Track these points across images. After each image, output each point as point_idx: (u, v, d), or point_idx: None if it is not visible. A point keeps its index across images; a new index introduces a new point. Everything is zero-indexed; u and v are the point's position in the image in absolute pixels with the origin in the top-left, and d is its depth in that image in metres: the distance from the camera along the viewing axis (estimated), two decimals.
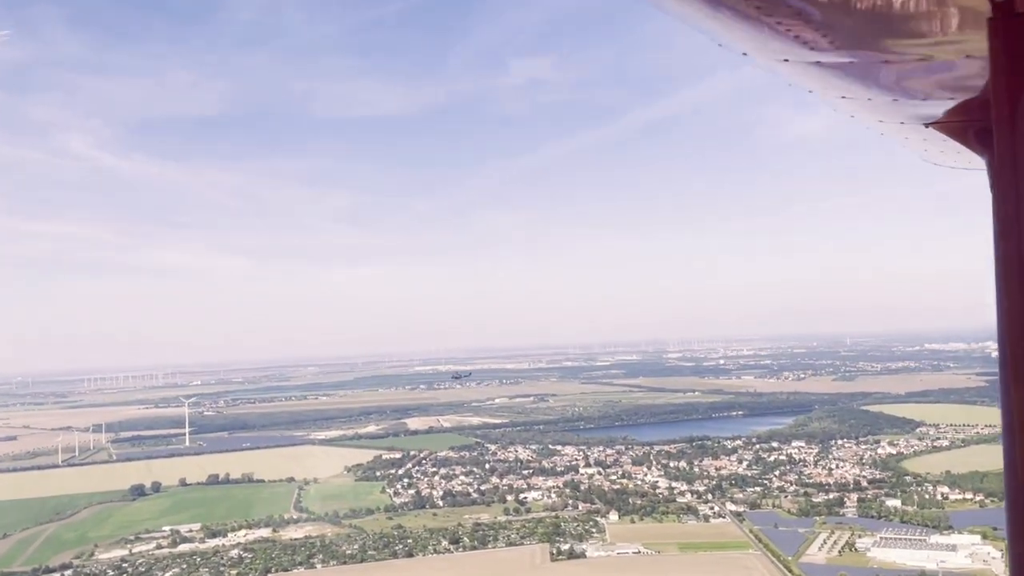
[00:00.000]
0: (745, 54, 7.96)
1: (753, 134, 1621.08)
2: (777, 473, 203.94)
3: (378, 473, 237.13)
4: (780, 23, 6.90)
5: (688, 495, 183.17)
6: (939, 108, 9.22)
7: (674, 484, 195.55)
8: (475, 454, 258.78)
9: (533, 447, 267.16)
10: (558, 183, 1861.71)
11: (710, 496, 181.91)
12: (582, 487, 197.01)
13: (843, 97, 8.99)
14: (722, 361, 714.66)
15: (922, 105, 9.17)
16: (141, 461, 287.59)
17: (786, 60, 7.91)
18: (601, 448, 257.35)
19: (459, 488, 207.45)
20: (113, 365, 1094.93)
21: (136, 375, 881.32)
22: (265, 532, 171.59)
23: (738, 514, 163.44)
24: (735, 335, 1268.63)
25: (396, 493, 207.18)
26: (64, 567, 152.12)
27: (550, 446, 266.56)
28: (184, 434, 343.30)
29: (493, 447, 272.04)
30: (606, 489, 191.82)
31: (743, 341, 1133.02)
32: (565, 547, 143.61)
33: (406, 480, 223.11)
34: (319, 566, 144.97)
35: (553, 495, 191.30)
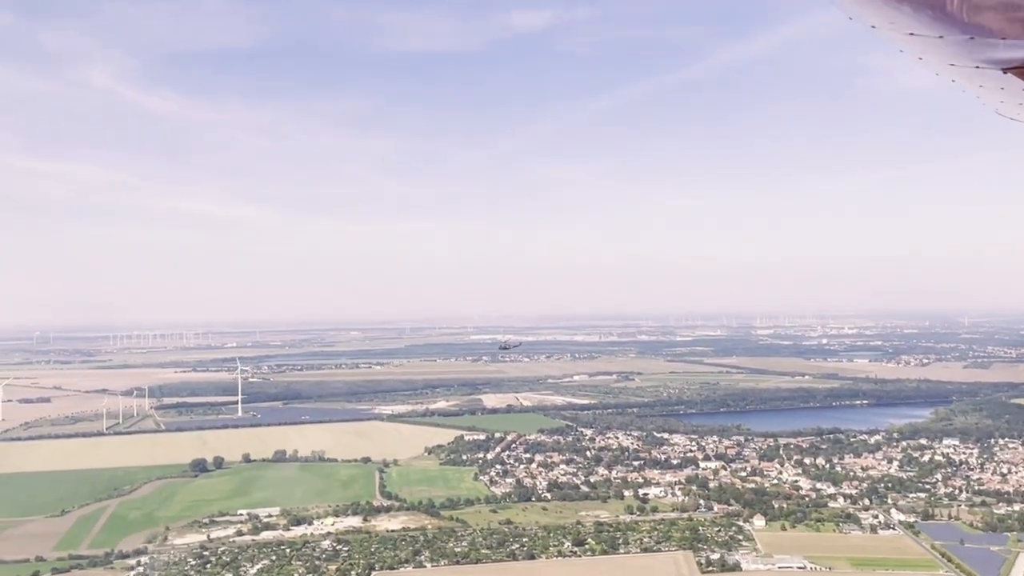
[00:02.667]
0: (874, 27, 8.34)
1: (850, 84, 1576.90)
2: (939, 476, 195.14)
3: (464, 457, 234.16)
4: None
5: (840, 499, 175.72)
6: (1020, 50, 8.95)
7: (819, 485, 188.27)
8: (570, 439, 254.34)
9: (635, 434, 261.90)
10: (626, 132, 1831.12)
11: (867, 501, 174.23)
12: (710, 484, 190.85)
13: (911, 34, 8.91)
14: (824, 340, 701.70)
15: (1000, 47, 8.86)
16: (192, 432, 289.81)
17: (912, 34, 8.27)
18: (716, 438, 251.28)
19: (564, 479, 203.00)
20: (137, 320, 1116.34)
21: (164, 333, 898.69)
22: (355, 521, 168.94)
23: (909, 525, 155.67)
24: (828, 310, 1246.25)
25: (492, 481, 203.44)
26: (139, 552, 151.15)
27: (655, 433, 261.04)
28: (235, 403, 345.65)
29: (588, 431, 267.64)
30: (740, 488, 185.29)
31: (840, 317, 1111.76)
32: (713, 556, 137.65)
33: (499, 467, 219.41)
34: (428, 564, 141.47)
35: (678, 492, 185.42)
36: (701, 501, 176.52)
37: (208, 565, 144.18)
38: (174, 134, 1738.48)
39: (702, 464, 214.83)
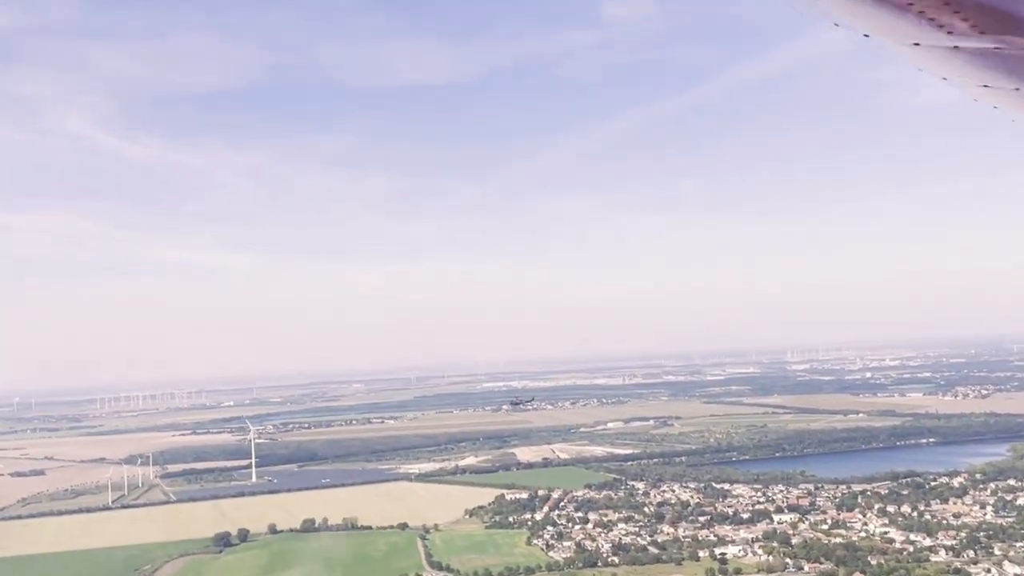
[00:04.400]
0: (867, 36, 8.51)
1: (870, 101, 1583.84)
2: None
3: (511, 518, 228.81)
4: (911, 3, 7.40)
5: (941, 552, 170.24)
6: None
7: (912, 537, 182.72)
8: (622, 494, 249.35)
9: (692, 485, 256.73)
10: (635, 160, 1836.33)
11: (971, 553, 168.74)
12: (792, 540, 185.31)
13: (985, 86, 9.22)
14: (868, 374, 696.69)
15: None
16: (207, 501, 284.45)
17: (917, 44, 8.40)
18: (782, 487, 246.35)
19: (627, 539, 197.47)
20: (124, 381, 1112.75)
21: (154, 394, 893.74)
22: None
23: None
24: (864, 341, 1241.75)
25: (549, 546, 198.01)
26: None
27: (713, 484, 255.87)
28: (247, 467, 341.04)
29: (639, 485, 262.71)
30: (827, 543, 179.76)
31: (878, 348, 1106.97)
32: None
33: (551, 528, 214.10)
34: None
35: (759, 550, 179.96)
36: (788, 560, 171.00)
37: None
38: (156, 181, 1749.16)
39: (776, 517, 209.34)
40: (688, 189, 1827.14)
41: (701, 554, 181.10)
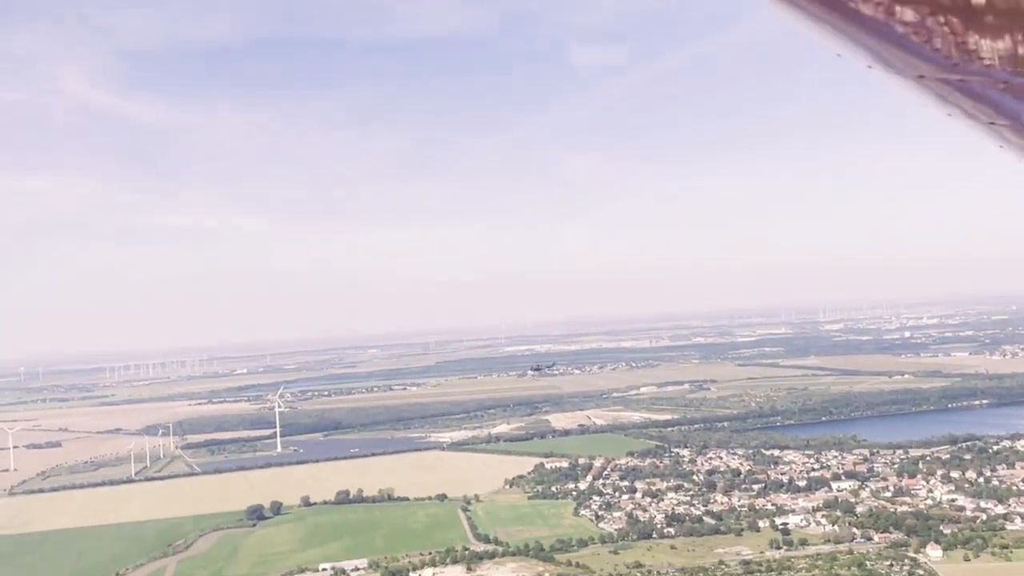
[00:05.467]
0: (870, 67, 8.38)
1: None
2: None
3: (554, 488, 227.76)
4: (916, 33, 7.19)
5: (1018, 520, 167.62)
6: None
7: (983, 504, 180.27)
8: (667, 462, 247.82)
9: (739, 452, 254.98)
10: (659, 111, 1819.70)
11: None
12: (856, 509, 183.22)
13: (992, 124, 9.08)
14: (907, 333, 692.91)
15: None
16: (233, 473, 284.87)
17: (921, 77, 8.26)
18: (835, 453, 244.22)
19: (680, 510, 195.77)
20: (132, 349, 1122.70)
21: (164, 362, 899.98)
22: (458, 571, 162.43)
23: None
24: (899, 299, 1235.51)
25: (598, 516, 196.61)
26: None
27: (762, 451, 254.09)
28: (271, 438, 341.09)
29: (684, 452, 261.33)
30: (894, 512, 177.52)
31: (914, 306, 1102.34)
32: None
33: (597, 498, 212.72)
34: None
35: (822, 520, 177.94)
36: (855, 530, 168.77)
37: None
38: (157, 141, 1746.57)
39: (834, 485, 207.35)
40: (714, 144, 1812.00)
41: (761, 524, 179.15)
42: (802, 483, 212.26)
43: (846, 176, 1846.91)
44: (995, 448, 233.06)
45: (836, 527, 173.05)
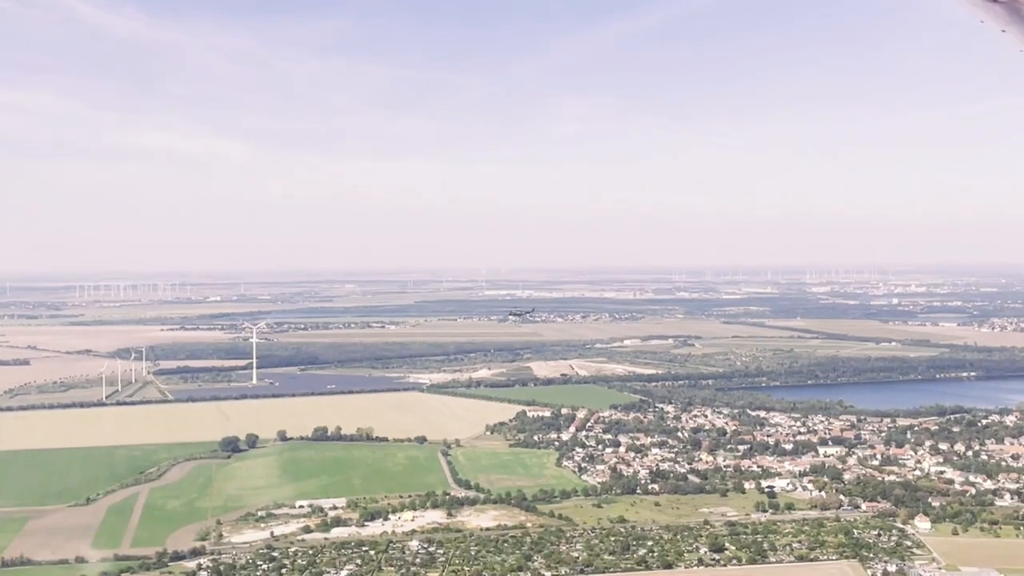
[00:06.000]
0: None
1: (904, 8, 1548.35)
2: None
3: (536, 437, 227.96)
4: None
5: (1007, 496, 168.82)
6: None
7: (971, 478, 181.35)
8: (651, 417, 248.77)
9: (724, 411, 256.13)
10: (653, 59, 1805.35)
11: None
12: (844, 476, 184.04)
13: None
14: (894, 300, 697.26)
15: None
16: (207, 402, 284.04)
17: None
18: (822, 418, 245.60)
19: (665, 466, 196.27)
20: (101, 269, 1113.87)
21: (135, 284, 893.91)
22: (437, 516, 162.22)
23: None
24: (886, 264, 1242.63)
25: (581, 468, 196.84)
26: (196, 553, 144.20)
27: (748, 411, 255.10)
28: (247, 368, 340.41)
29: (668, 408, 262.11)
30: (883, 481, 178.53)
31: (902, 273, 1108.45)
32: (890, 569, 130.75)
33: (580, 450, 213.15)
34: (546, 574, 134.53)
35: (808, 485, 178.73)
36: (842, 497, 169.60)
37: (284, 570, 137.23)
38: (139, 59, 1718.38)
39: (821, 450, 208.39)
40: (708, 95, 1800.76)
41: (747, 486, 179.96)
42: (788, 446, 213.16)
43: (834, 135, 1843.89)
44: (984, 422, 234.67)
45: (823, 493, 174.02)
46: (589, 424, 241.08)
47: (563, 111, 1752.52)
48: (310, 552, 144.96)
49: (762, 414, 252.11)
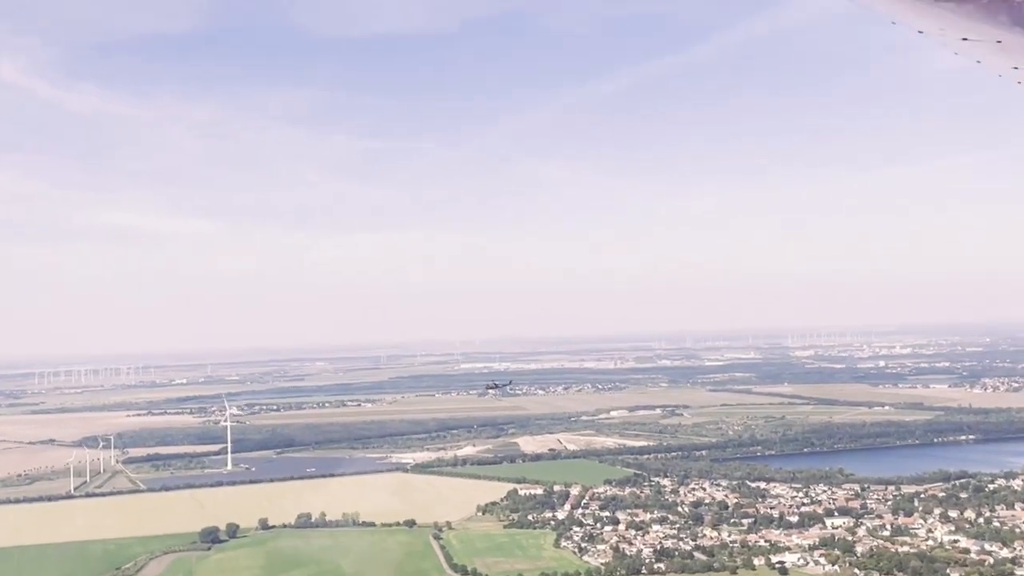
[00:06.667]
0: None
1: (875, 65, 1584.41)
2: None
3: (530, 517, 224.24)
4: None
5: None
6: None
7: (987, 547, 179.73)
8: (648, 492, 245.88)
9: (723, 484, 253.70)
10: (625, 124, 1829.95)
11: None
12: (856, 548, 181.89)
13: (964, 39, 9.32)
14: (881, 363, 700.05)
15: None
16: (181, 491, 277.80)
17: None
18: (824, 487, 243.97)
19: (668, 544, 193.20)
20: (61, 354, 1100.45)
21: (96, 368, 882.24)
22: None
23: None
24: (867, 326, 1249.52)
25: (581, 549, 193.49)
26: None
27: (747, 483, 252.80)
28: (220, 454, 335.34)
29: (664, 481, 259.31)
30: (897, 553, 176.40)
31: (884, 335, 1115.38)
32: None
33: (578, 529, 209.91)
34: None
35: (820, 559, 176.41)
36: (857, 571, 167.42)
37: None
38: (97, 135, 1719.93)
39: (828, 521, 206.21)
40: (680, 159, 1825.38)
41: (756, 562, 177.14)
42: (794, 518, 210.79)
43: (809, 196, 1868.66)
44: (991, 487, 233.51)
45: (837, 567, 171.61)
46: (584, 501, 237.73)
47: (534, 177, 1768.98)
48: None
49: (762, 485, 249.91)
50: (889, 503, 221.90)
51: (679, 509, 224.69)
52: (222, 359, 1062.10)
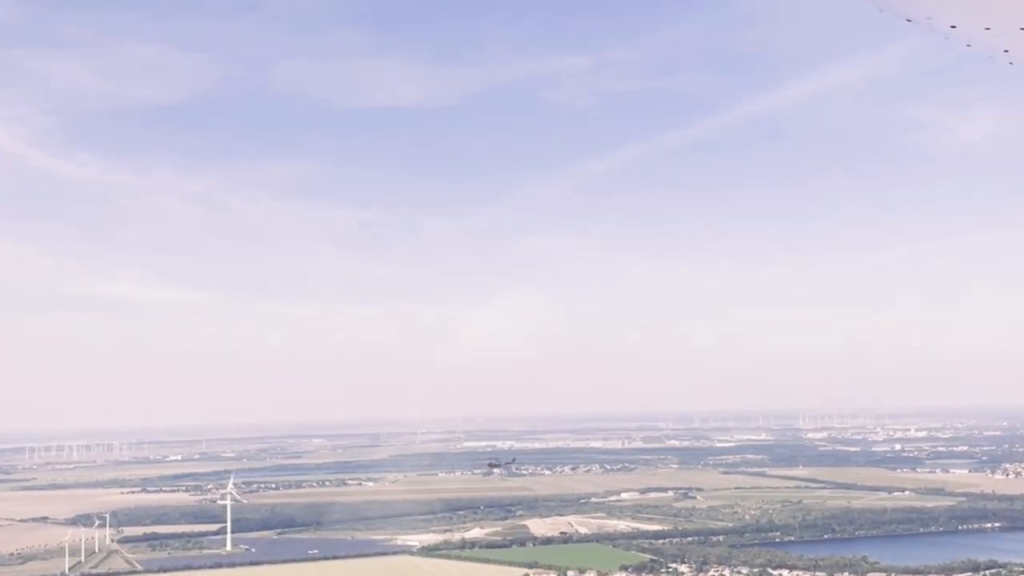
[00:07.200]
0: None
1: (886, 140, 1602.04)
2: None
3: None
4: None
5: None
6: None
7: None
8: None
9: (743, 571, 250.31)
10: (625, 199, 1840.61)
11: None
12: None
13: (953, 27, 8.85)
14: (897, 446, 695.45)
15: None
16: (180, 572, 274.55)
17: None
18: None
19: None
20: (51, 429, 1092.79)
21: (89, 444, 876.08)
22: None
23: None
24: (879, 408, 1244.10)
25: None
26: None
27: (769, 570, 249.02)
28: (218, 534, 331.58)
29: (684, 569, 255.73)
30: None
31: (897, 417, 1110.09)
32: None
33: None
34: None
35: None
36: None
37: None
38: (91, 204, 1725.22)
39: None
40: (682, 232, 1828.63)
41: None
42: None
43: (820, 275, 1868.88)
44: None
45: None
46: None
47: (536, 252, 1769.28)
48: None
49: (784, 573, 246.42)
50: None
51: None
52: (216, 434, 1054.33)
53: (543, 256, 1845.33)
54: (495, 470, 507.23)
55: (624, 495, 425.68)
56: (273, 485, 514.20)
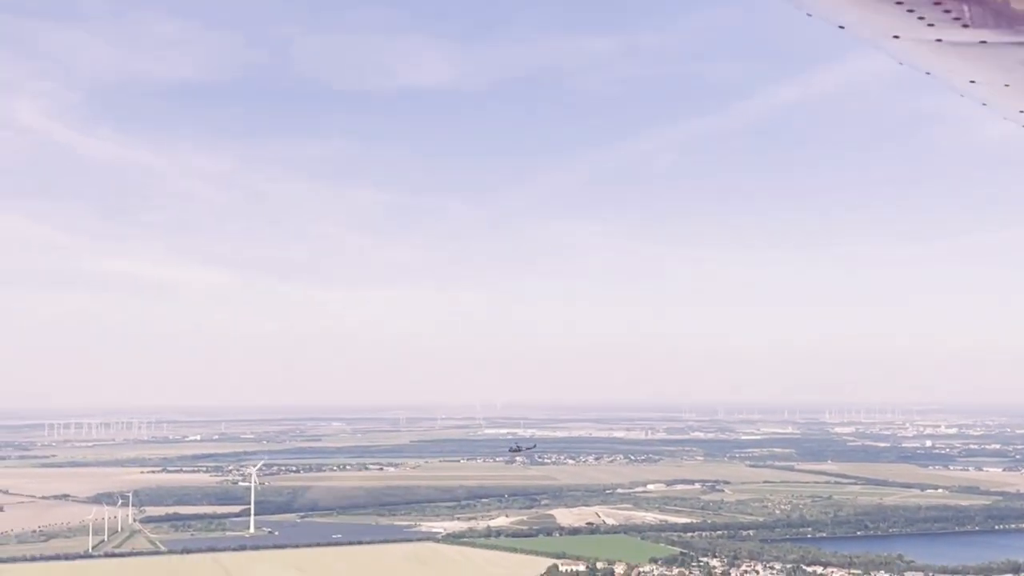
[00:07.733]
0: (842, 27, 8.83)
1: (918, 133, 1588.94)
2: None
3: None
4: None
5: None
6: None
7: None
8: (699, 573, 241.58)
9: (776, 567, 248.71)
10: (653, 186, 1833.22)
11: None
12: None
13: (972, 82, 9.56)
14: (928, 443, 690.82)
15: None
16: (204, 554, 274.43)
17: (896, 37, 8.75)
18: (886, 575, 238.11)
19: None
20: (70, 406, 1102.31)
21: (108, 422, 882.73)
22: None
23: None
24: (907, 402, 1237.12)
25: None
26: None
27: (803, 567, 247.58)
28: (241, 516, 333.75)
29: (713, 562, 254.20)
30: None
31: (926, 413, 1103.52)
32: None
33: None
34: None
35: None
36: None
37: None
38: (113, 182, 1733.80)
39: None
40: (710, 222, 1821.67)
41: None
42: None
43: (854, 263, 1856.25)
44: None
45: None
46: None
47: (561, 239, 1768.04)
48: None
49: (819, 570, 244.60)
50: None
51: None
52: (236, 415, 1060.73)
53: (568, 242, 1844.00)
54: (517, 455, 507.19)
55: (650, 487, 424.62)
56: (294, 468, 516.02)
